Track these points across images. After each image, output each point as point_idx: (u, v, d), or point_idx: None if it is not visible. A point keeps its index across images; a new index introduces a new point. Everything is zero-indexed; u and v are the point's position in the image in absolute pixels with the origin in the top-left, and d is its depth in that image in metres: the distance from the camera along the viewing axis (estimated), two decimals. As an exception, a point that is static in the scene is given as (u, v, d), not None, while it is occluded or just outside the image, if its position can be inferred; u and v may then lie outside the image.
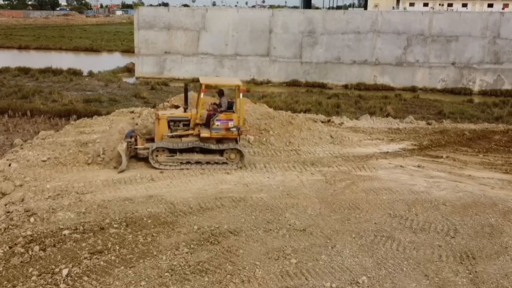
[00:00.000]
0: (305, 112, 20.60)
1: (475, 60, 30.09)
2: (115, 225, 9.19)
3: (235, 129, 12.72)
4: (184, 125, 13.00)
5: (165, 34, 31.70)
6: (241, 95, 12.72)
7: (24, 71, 30.93)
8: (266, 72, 31.64)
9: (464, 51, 30.05)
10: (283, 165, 13.14)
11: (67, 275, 7.48)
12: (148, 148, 12.57)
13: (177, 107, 15.98)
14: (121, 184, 11.41)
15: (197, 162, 12.60)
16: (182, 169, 12.39)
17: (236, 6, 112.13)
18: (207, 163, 12.64)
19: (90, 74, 31.59)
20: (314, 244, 8.74)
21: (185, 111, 13.23)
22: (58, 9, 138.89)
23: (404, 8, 72.18)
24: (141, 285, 7.34)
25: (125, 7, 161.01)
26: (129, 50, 44.44)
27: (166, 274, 7.64)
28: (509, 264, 8.37)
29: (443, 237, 9.25)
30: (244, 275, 7.68)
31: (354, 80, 30.70)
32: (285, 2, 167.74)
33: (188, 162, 12.55)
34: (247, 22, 31.40)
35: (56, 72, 31.06)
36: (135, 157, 12.82)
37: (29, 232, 8.81)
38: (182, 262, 7.98)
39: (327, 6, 77.05)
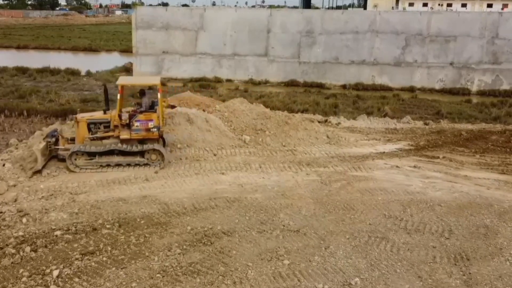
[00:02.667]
0: (302, 112, 20.52)
1: (473, 60, 29.99)
2: (107, 226, 9.15)
3: (155, 129, 12.56)
4: (105, 127, 12.80)
5: (164, 33, 31.59)
6: (159, 94, 12.64)
7: (22, 71, 30.75)
8: (264, 72, 31.54)
9: (463, 51, 29.94)
10: (278, 166, 13.09)
11: (57, 276, 7.42)
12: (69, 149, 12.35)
13: (173, 106, 15.95)
14: (115, 184, 11.38)
15: (118, 165, 12.45)
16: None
17: (235, 6, 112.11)
18: (128, 165, 12.49)
19: (88, 74, 31.50)
20: (307, 245, 8.69)
21: (105, 112, 12.97)
22: (57, 9, 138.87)
23: (404, 8, 72.06)
24: (132, 286, 7.28)
25: (124, 7, 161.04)
26: (127, 50, 44.22)
27: (157, 275, 7.59)
28: (504, 266, 8.31)
29: (437, 238, 9.19)
30: (236, 276, 7.63)
31: (353, 80, 30.56)
32: (285, 2, 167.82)
33: (108, 165, 12.40)
34: (245, 22, 31.29)
35: (54, 71, 30.93)
36: (57, 158, 12.60)
37: (21, 233, 8.77)
38: (174, 263, 7.92)
39: (327, 6, 76.96)
